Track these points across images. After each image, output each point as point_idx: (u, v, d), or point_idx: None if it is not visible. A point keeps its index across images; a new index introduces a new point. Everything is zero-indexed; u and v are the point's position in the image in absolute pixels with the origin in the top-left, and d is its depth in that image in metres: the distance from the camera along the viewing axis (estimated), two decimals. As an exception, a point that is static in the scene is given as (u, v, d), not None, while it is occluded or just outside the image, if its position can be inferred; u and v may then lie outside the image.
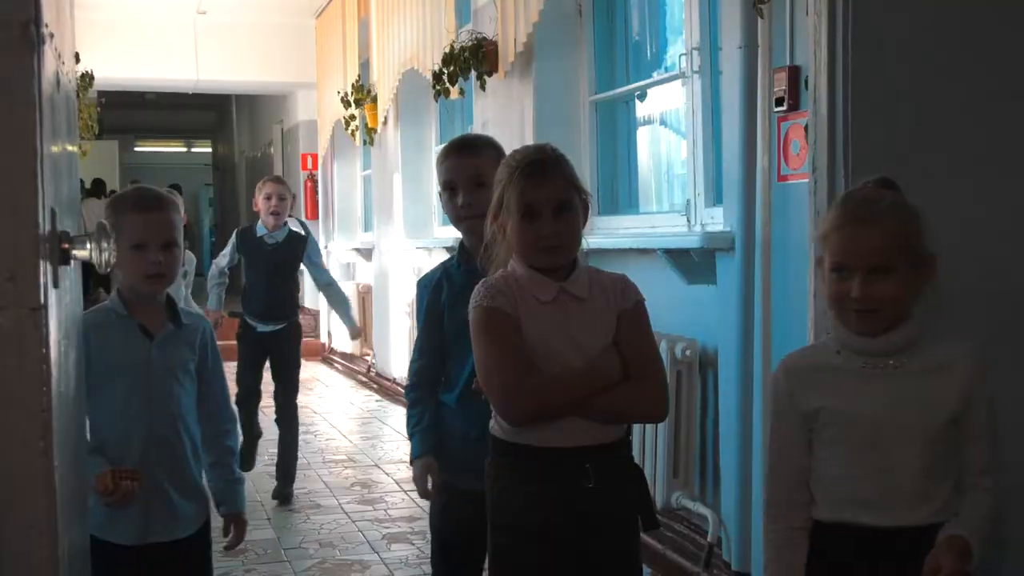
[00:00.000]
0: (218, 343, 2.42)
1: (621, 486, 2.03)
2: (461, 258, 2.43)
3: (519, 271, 2.03)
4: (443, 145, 2.53)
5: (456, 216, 2.43)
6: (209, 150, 22.89)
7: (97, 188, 13.46)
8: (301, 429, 6.73)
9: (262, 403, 5.13)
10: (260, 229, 5.07)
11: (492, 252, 2.09)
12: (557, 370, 1.97)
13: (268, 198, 5.00)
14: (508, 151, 2.17)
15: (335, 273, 10.60)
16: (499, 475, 2.05)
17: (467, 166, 2.40)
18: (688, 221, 4.05)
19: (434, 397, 2.45)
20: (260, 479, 5.25)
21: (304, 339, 5.29)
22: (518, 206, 1.99)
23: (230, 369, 2.99)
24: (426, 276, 2.52)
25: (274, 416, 5.17)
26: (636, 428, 3.95)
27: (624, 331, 2.03)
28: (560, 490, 1.98)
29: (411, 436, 2.45)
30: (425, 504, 4.88)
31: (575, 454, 1.97)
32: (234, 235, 5.26)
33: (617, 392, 1.99)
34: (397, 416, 6.81)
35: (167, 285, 2.26)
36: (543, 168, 2.02)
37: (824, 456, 1.89)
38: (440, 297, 2.40)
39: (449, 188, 2.42)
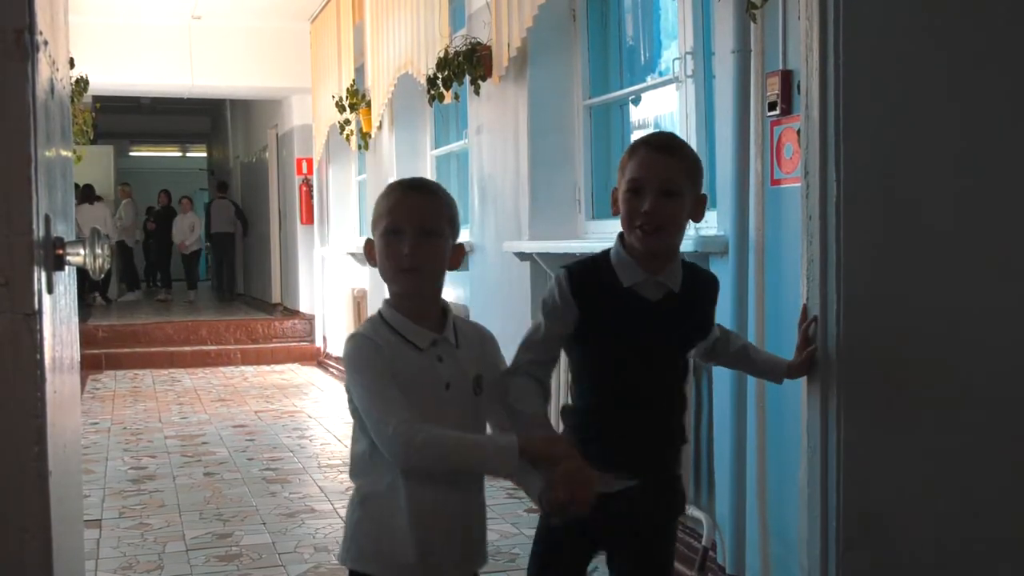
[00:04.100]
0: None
1: None
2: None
3: None
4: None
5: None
6: (204, 155, 22.90)
7: (87, 193, 13.44)
8: (296, 434, 6.76)
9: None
10: (617, 255, 2.16)
11: None
12: None
13: (635, 190, 2.10)
14: (502, 154, 2.07)
15: (330, 277, 10.65)
16: None
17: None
18: (682, 225, 4.05)
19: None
20: (256, 484, 5.24)
21: (299, 344, 4.76)
22: None
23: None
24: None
25: None
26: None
27: None
28: None
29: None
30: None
31: None
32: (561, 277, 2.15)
33: None
34: (392, 420, 6.80)
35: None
36: None
37: None
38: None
39: None
